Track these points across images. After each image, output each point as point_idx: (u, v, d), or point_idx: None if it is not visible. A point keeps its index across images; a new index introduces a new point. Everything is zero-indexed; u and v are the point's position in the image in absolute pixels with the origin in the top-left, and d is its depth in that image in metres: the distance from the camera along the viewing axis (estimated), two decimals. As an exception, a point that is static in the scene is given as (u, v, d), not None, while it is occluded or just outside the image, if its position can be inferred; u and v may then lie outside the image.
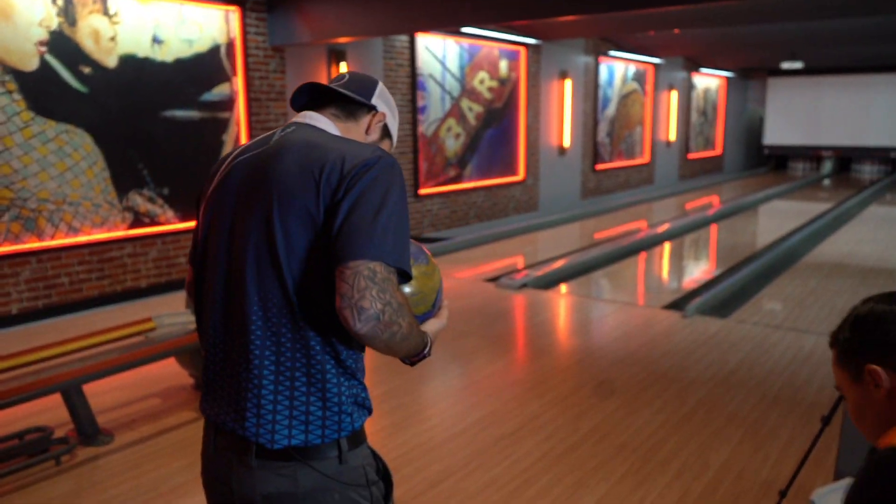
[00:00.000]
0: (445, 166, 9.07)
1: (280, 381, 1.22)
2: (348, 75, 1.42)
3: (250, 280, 1.22)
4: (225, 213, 1.28)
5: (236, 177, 1.29)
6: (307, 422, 1.22)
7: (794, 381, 4.08)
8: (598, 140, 12.21)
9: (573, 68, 11.26)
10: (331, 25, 6.38)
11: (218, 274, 1.28)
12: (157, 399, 3.86)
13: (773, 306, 5.83)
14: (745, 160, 19.63)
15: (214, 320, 1.30)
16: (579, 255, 7.70)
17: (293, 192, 1.20)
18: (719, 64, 16.28)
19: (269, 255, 1.21)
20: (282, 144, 1.28)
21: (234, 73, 6.48)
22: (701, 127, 16.60)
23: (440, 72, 8.76)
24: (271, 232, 1.20)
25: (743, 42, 12.62)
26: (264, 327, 1.22)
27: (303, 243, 1.19)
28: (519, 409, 3.70)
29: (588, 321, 5.61)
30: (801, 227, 9.74)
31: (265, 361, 1.23)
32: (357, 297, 1.12)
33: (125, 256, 5.85)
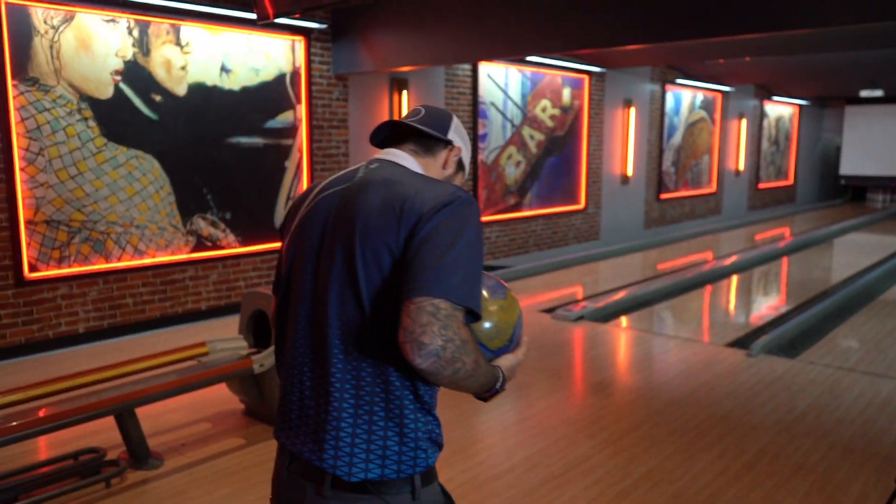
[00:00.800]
0: (505, 194, 9.01)
1: (359, 414, 1.25)
2: (424, 110, 1.45)
3: (332, 314, 1.26)
4: (310, 248, 1.32)
5: (322, 212, 1.33)
6: (384, 456, 1.25)
7: (869, 430, 3.81)
8: (663, 169, 11.95)
9: (638, 96, 11.07)
10: (393, 54, 6.45)
11: (301, 307, 1.32)
12: (207, 424, 3.89)
13: (847, 347, 5.51)
14: (820, 191, 18.88)
15: (296, 352, 1.33)
16: (641, 287, 7.49)
17: (375, 229, 1.23)
18: (793, 92, 15.76)
19: (350, 290, 1.24)
20: (366, 181, 1.32)
21: (299, 100, 6.62)
22: (772, 156, 16.07)
23: (502, 100, 8.74)
24: (353, 267, 1.24)
25: (818, 70, 12.18)
26: (345, 360, 1.26)
27: (382, 278, 1.22)
28: (569, 448, 3.57)
29: (647, 357, 5.42)
30: (879, 262, 9.25)
31: (345, 395, 1.26)
32: (418, 331, 1.12)
33: (187, 279, 5.99)
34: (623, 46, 5.97)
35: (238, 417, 3.97)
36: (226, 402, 4.15)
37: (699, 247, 10.97)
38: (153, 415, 3.90)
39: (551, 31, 5.73)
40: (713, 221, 13.41)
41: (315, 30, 6.61)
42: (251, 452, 3.53)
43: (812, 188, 18.40)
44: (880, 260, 9.42)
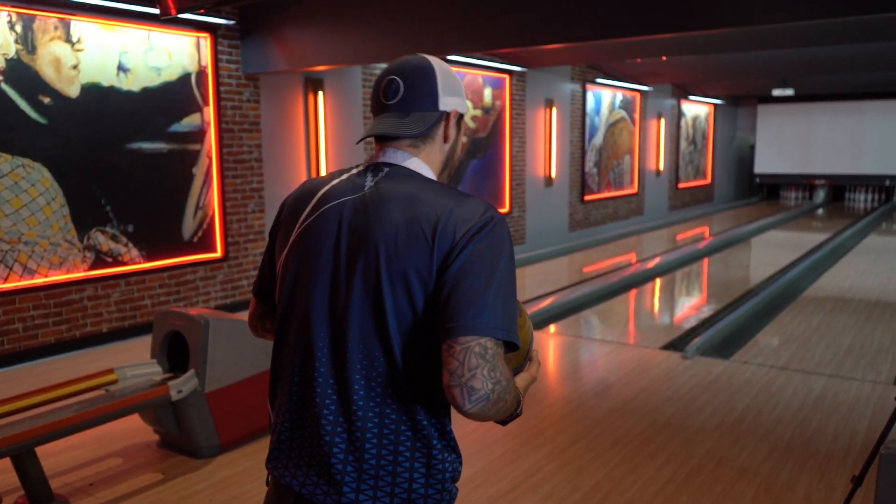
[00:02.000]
0: (428, 199, 8.98)
1: (383, 455, 1.21)
2: (400, 82, 1.32)
3: (354, 344, 1.21)
4: (319, 267, 1.26)
5: (330, 224, 1.27)
6: (409, 500, 1.21)
7: (806, 429, 3.99)
8: (585, 170, 12.25)
9: (559, 96, 11.32)
10: (308, 53, 6.33)
11: (315, 333, 1.24)
12: (117, 459, 3.68)
13: (777, 346, 5.77)
14: (736, 190, 19.83)
15: (309, 382, 1.25)
16: (568, 293, 7.63)
17: (403, 253, 1.18)
18: (708, 91, 16.51)
19: (374, 319, 1.20)
20: (382, 194, 1.25)
21: (206, 102, 6.40)
22: (690, 156, 16.76)
23: (422, 100, 8.72)
24: (379, 294, 1.19)
25: (732, 69, 12.79)
26: (367, 397, 1.20)
27: (412, 308, 1.18)
28: (512, 464, 3.57)
29: (582, 364, 5.51)
30: (798, 259, 9.78)
31: (367, 434, 1.20)
32: (468, 375, 1.11)
33: (85, 299, 5.68)
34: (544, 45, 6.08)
35: (152, 450, 3.77)
36: (137, 434, 3.94)
37: (624, 248, 11.30)
38: (54, 452, 3.65)
39: (473, 30, 5.77)
40: (636, 222, 13.85)
41: (222, 26, 6.42)
42: (170, 488, 3.35)
43: (729, 187, 19.31)
44: (799, 257, 9.96)
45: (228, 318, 3.84)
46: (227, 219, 6.63)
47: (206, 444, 3.64)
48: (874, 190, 18.47)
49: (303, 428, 1.27)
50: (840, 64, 11.55)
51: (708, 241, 11.85)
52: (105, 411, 3.32)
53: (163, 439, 3.81)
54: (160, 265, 6.16)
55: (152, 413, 3.61)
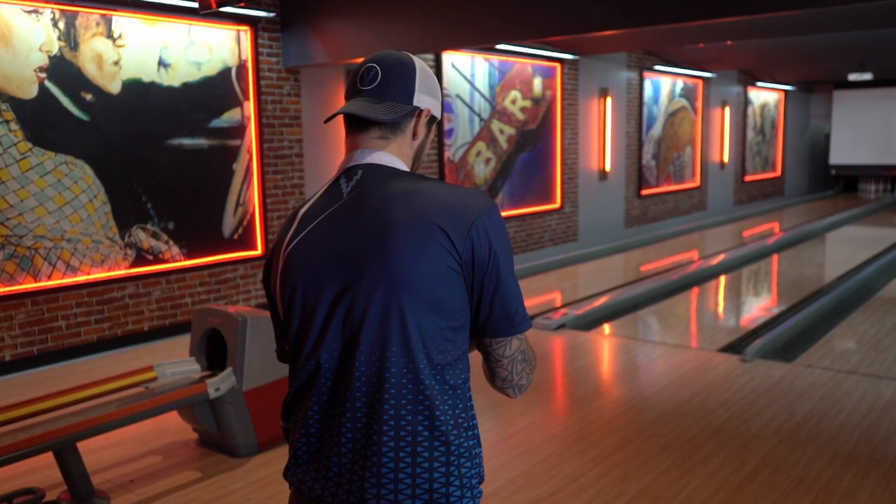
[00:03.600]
0: (475, 194, 9.04)
1: (401, 457, 1.28)
2: (379, 70, 1.36)
3: (371, 355, 1.28)
4: (322, 284, 1.30)
5: (321, 238, 1.32)
6: (431, 500, 1.28)
7: (872, 435, 3.93)
8: (643, 163, 12.15)
9: (614, 85, 11.25)
10: (349, 45, 6.46)
11: (328, 348, 1.31)
12: (157, 457, 3.85)
13: (846, 348, 5.67)
14: (810, 182, 19.35)
15: (329, 399, 1.33)
16: (624, 291, 7.60)
17: (414, 256, 1.25)
18: (778, 77, 16.16)
19: (392, 327, 1.26)
20: (367, 197, 1.32)
21: (246, 97, 6.59)
22: (758, 147, 16.44)
23: (468, 91, 8.81)
24: (395, 302, 1.26)
25: (804, 53, 12.50)
26: (397, 406, 1.27)
27: (435, 310, 1.27)
28: (556, 468, 3.61)
29: (634, 366, 5.50)
30: (875, 257, 9.52)
31: (394, 443, 1.27)
32: (516, 378, 1.38)
33: (126, 297, 5.92)
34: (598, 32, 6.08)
35: (192, 448, 3.93)
36: (177, 431, 4.11)
37: (684, 246, 11.16)
38: (95, 449, 3.84)
39: (521, 17, 5.81)
40: (698, 218, 13.66)
41: (262, 19, 6.60)
42: (208, 486, 3.50)
43: (801, 180, 18.86)
44: (876, 255, 9.70)
45: (266, 316, 3.97)
46: (267, 215, 6.82)
47: (243, 442, 3.78)
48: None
49: (324, 439, 1.34)
50: (922, 45, 11.19)
51: (777, 238, 11.62)
52: (144, 408, 3.48)
53: (201, 437, 3.97)
54: (200, 263, 6.37)
55: (191, 411, 3.77)
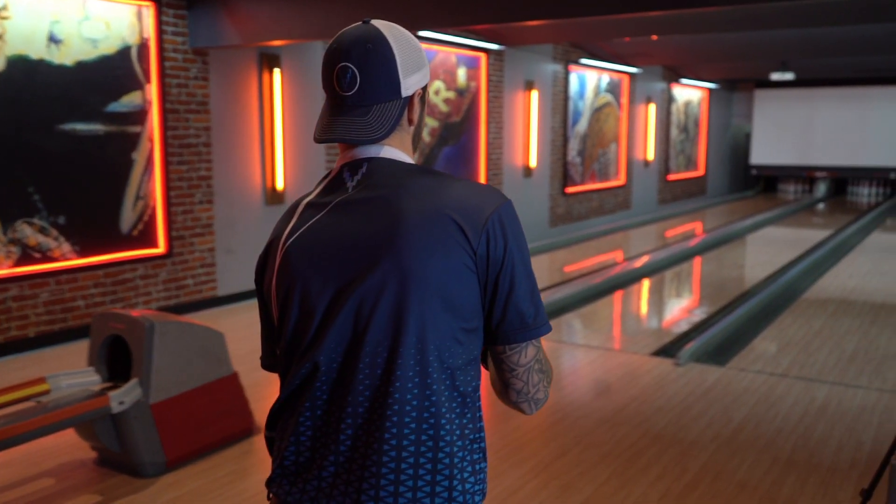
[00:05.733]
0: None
1: (403, 468, 1.25)
2: (356, 72, 1.29)
3: (377, 357, 1.26)
4: (324, 279, 1.28)
5: (323, 234, 1.30)
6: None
7: (809, 440, 4.09)
8: (568, 159, 12.35)
9: (540, 78, 11.40)
10: (263, 26, 6.30)
11: (328, 349, 1.28)
12: (50, 479, 3.64)
13: (776, 351, 5.89)
14: (731, 182, 20.14)
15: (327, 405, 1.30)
16: (549, 294, 7.70)
17: (425, 254, 1.24)
18: (702, 74, 16.74)
19: (407, 334, 1.24)
20: (374, 191, 1.30)
21: (148, 79, 6.33)
22: (682, 145, 16.99)
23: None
24: (405, 301, 1.24)
25: (728, 50, 12.99)
26: (401, 413, 1.25)
27: (449, 318, 1.26)
28: (494, 481, 3.60)
29: (563, 372, 5.57)
30: (798, 258, 9.97)
31: (395, 452, 1.25)
32: (533, 391, 1.34)
33: (9, 300, 5.59)
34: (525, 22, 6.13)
35: (90, 469, 3.73)
36: (72, 450, 3.90)
37: (609, 246, 11.42)
38: (-22, 472, 3.60)
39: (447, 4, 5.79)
40: (622, 217, 14.01)
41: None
42: (111, 511, 3.33)
43: (723, 179, 19.61)
44: (799, 256, 10.16)
45: (176, 321, 3.82)
46: (171, 210, 6.58)
47: (150, 461, 3.62)
48: (878, 183, 18.88)
49: (317, 449, 1.30)
50: (844, 46, 11.79)
51: (700, 238, 12.03)
52: (36, 425, 3.28)
53: (101, 456, 3.78)
54: (95, 262, 6.08)
55: (90, 427, 3.58)
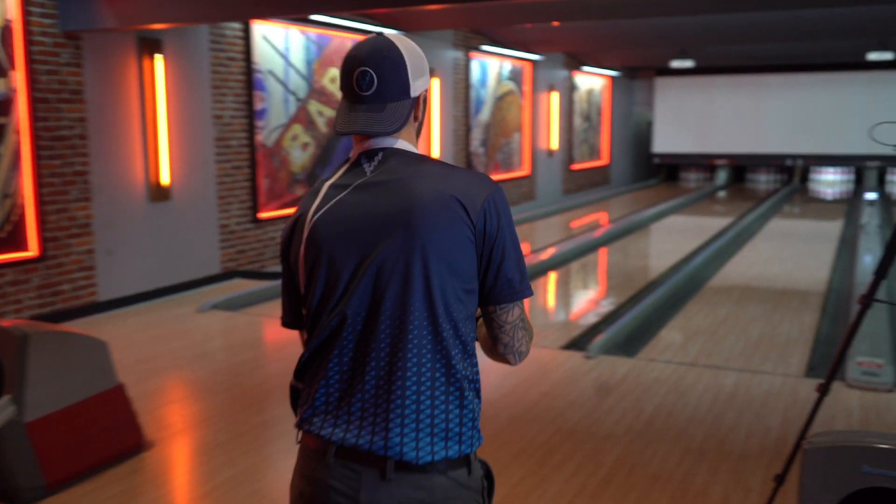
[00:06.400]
0: (292, 183, 8.86)
1: (421, 400, 1.57)
2: (374, 75, 1.60)
3: (397, 312, 1.57)
4: (351, 247, 1.59)
5: (348, 209, 1.60)
6: (447, 437, 1.58)
7: (719, 428, 4.25)
8: (471, 150, 12.44)
9: (440, 65, 11.43)
10: (142, 8, 6.07)
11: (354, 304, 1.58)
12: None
13: (684, 340, 6.09)
14: (635, 171, 20.75)
15: (352, 352, 1.60)
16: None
17: (437, 228, 1.55)
18: (603, 62, 17.16)
19: (415, 288, 1.56)
20: (392, 175, 1.60)
21: (13, 65, 6.00)
22: (585, 134, 17.38)
23: (282, 67, 8.59)
24: (420, 265, 1.55)
25: (629, 37, 13.37)
26: (419, 354, 1.57)
27: (453, 275, 1.57)
28: (405, 486, 3.58)
29: (476, 369, 5.59)
30: (702, 246, 10.35)
31: (416, 387, 1.57)
32: (517, 345, 1.66)
33: None
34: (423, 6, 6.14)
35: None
36: (-64, 477, 3.65)
37: (516, 238, 11.56)
38: None
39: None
40: (527, 208, 14.21)
41: (31, -28, 6.04)
42: (-17, 542, 3.13)
43: (626, 168, 20.18)
44: (702, 244, 10.56)
45: (52, 330, 3.64)
46: (43, 209, 6.25)
47: (27, 484, 3.44)
48: (775, 170, 19.83)
49: (345, 388, 1.61)
50: (742, 33, 12.32)
51: (606, 229, 12.35)
52: None
53: (-29, 482, 3.56)
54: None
55: (-43, 450, 3.36)
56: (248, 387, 5.05)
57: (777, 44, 14.27)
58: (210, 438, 4.26)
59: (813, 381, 4.82)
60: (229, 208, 8.06)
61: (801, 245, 11.01)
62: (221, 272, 7.99)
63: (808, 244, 11.12)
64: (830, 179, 19.41)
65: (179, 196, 7.47)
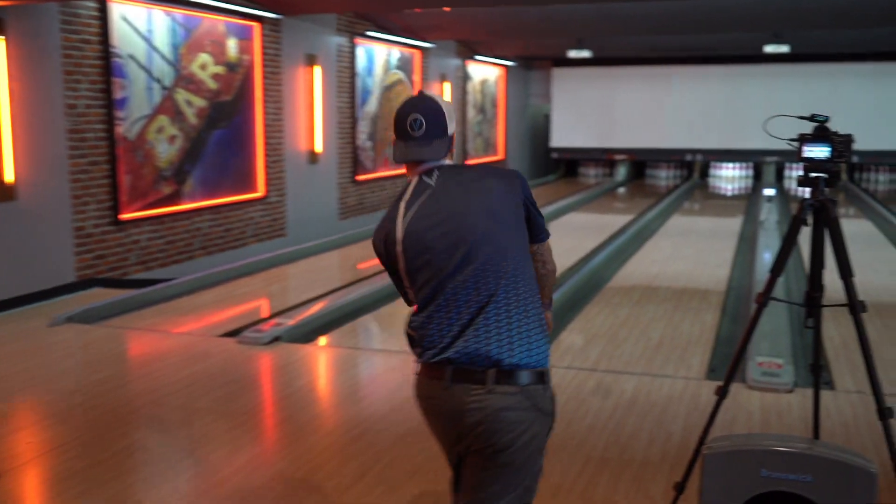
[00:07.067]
0: (157, 181, 8.61)
1: (515, 326, 2.33)
2: (424, 121, 2.43)
3: (492, 262, 2.34)
4: (445, 231, 2.36)
5: (433, 209, 2.39)
6: (537, 358, 2.34)
7: (620, 435, 4.36)
8: (358, 144, 12.39)
9: (323, 52, 11.33)
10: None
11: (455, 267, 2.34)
12: None
13: (584, 344, 6.23)
14: (532, 166, 21.12)
15: (458, 295, 2.34)
16: (341, 295, 7.68)
17: (501, 204, 2.42)
18: (498, 51, 17.40)
19: (501, 244, 2.37)
20: (458, 178, 2.46)
21: None
22: (480, 127, 17.59)
23: (145, 52, 8.33)
24: (499, 230, 2.38)
25: (524, 25, 13.60)
26: (505, 286, 2.34)
27: (519, 230, 2.44)
28: (286, 511, 3.53)
29: (361, 382, 5.61)
30: (602, 244, 10.63)
31: (511, 314, 2.34)
32: (551, 265, 2.63)
33: None
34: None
35: None
36: None
37: (407, 239, 11.58)
38: None
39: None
40: (420, 207, 14.24)
41: None
42: None
43: (523, 163, 20.52)
44: (602, 243, 10.84)
45: None
46: None
47: None
48: (676, 166, 20.56)
49: (457, 326, 2.33)
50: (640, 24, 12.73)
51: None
52: None
53: None
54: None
55: None
56: (109, 408, 4.86)
57: (676, 35, 14.81)
58: (64, 468, 4.08)
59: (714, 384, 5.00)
60: (86, 209, 7.75)
61: (701, 242, 11.44)
62: (77, 280, 7.68)
63: (709, 241, 11.57)
64: (730, 175, 20.27)
65: (27, 195, 7.13)
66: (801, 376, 5.12)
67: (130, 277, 8.22)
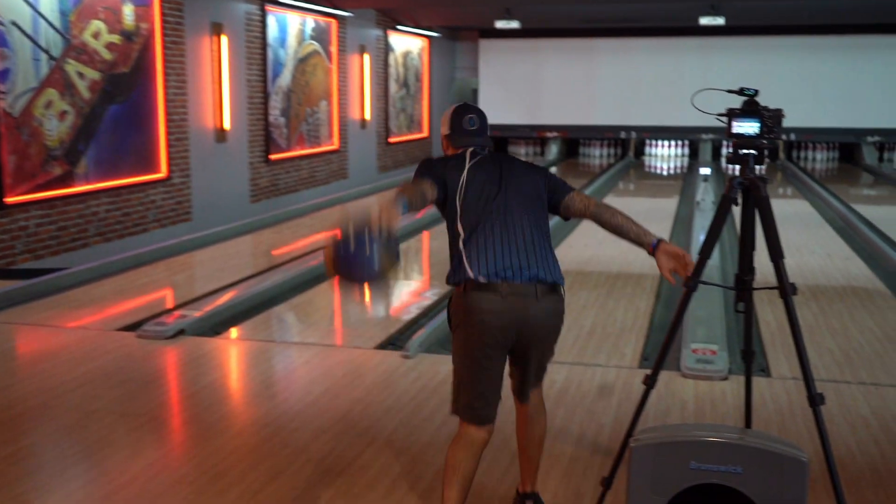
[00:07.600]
0: (46, 161, 8.39)
1: (538, 250, 3.21)
2: (478, 118, 3.48)
3: (523, 209, 3.26)
4: (491, 185, 3.26)
5: (484, 168, 3.32)
6: (556, 275, 3.22)
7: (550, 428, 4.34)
8: (270, 120, 12.26)
9: (230, 20, 11.17)
10: None
11: (488, 220, 3.22)
12: None
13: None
14: (458, 144, 21.12)
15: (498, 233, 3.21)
16: (253, 284, 7.63)
17: (529, 176, 3.37)
18: (420, 20, 17.37)
19: (528, 197, 3.30)
20: (500, 156, 3.47)
21: None
22: (402, 102, 17.55)
23: (30, 17, 8.10)
24: (529, 189, 3.32)
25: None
26: (534, 230, 3.23)
27: (542, 193, 3.35)
28: (191, 519, 3.50)
29: (274, 376, 5.59)
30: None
31: (536, 243, 3.22)
32: (596, 200, 3.53)
33: None
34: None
35: None
36: None
37: (324, 223, 11.49)
38: None
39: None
40: (338, 188, 14.20)
41: None
42: None
43: (449, 142, 20.52)
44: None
45: None
46: None
47: None
48: (609, 144, 20.86)
49: (502, 254, 3.14)
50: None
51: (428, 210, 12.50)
52: None
53: None
54: None
55: None
56: (-7, 411, 4.74)
57: (607, 4, 14.98)
58: (-57, 478, 3.97)
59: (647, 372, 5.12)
60: (-34, 192, 7.51)
61: (636, 225, 11.61)
62: (-43, 271, 7.45)
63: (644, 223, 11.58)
64: (665, 154, 20.66)
65: None
66: (736, 363, 5.26)
67: (17, 267, 8.02)
